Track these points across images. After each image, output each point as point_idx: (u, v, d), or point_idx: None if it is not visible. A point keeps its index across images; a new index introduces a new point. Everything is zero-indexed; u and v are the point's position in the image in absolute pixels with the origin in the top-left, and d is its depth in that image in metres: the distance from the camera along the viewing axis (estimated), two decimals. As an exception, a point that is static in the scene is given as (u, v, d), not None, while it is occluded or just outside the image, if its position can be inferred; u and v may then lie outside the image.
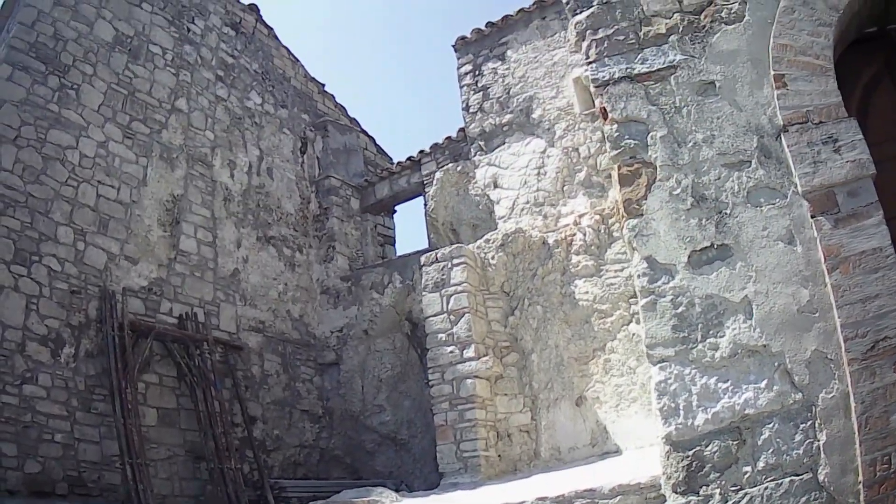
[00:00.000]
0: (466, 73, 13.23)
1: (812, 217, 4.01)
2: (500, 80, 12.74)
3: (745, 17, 4.46)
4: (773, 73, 4.26)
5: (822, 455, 3.79)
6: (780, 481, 3.78)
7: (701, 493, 3.81)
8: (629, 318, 9.62)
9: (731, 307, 3.98)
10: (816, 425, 3.82)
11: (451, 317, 9.99)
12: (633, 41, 4.66)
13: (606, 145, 4.49)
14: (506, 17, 13.01)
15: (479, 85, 12.94)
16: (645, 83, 4.51)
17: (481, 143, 12.59)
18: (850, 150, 4.04)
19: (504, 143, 12.34)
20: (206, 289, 12.00)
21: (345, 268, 14.43)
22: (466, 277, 10.12)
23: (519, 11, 12.81)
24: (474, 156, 12.66)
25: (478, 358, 9.73)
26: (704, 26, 4.53)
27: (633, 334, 9.45)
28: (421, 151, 13.93)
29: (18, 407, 8.80)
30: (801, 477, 3.78)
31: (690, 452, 3.85)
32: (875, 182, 4.04)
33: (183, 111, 12.44)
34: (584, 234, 10.26)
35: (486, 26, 13.24)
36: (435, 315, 10.16)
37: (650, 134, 4.35)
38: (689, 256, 4.08)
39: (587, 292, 10.01)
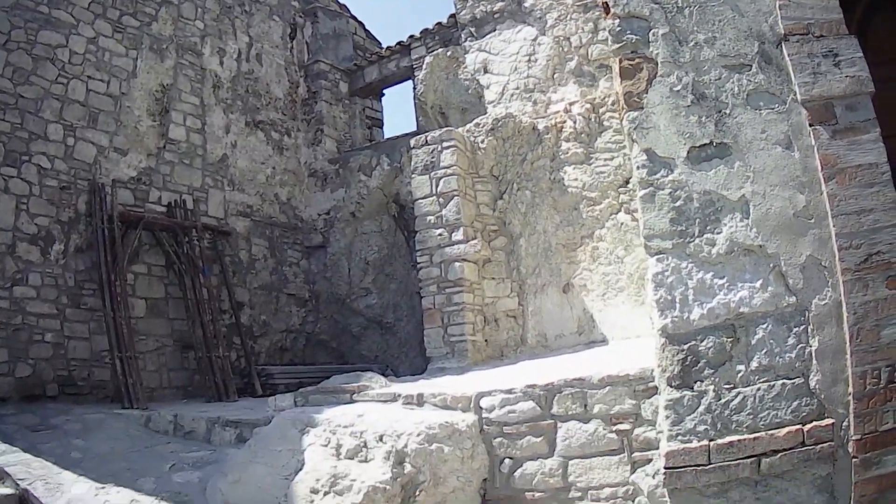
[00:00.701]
0: None
1: (810, 125, 3.97)
2: None
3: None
4: (775, -17, 4.16)
5: (815, 361, 3.80)
6: (772, 383, 3.80)
7: (695, 388, 3.83)
8: (618, 207, 9.55)
9: (729, 205, 3.95)
10: (809, 331, 3.82)
11: (441, 199, 9.77)
12: (643, -67, 4.50)
13: (608, 39, 4.36)
14: None
15: None
16: (647, -19, 4.37)
17: (472, 30, 12.34)
18: (849, 66, 4.03)
19: (495, 30, 12.11)
20: (195, 176, 11.95)
21: (333, 150, 14.32)
22: (456, 160, 9.89)
23: None
24: (465, 41, 12.42)
25: (466, 241, 9.56)
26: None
27: (622, 223, 9.40)
28: (411, 36, 13.68)
29: (9, 310, 8.86)
30: (792, 381, 3.79)
31: (686, 346, 3.86)
32: (872, 101, 4.02)
33: (173, 3, 12.09)
34: (575, 122, 10.08)
35: None
36: (424, 197, 9.93)
37: (651, 31, 4.25)
38: (688, 152, 4.02)
39: (576, 179, 9.88)
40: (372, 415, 5.95)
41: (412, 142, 10.45)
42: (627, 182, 9.51)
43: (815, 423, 3.74)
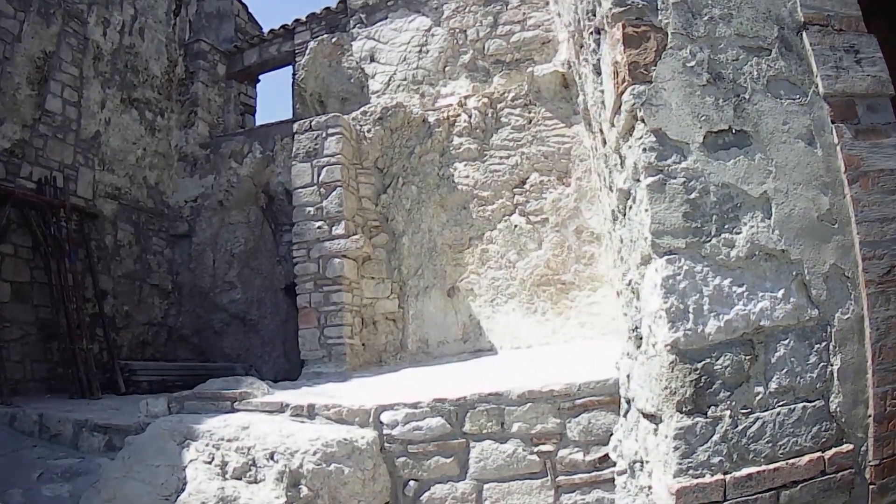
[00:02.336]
0: None
1: (832, 122, 3.46)
2: None
3: None
4: (793, -33, 3.66)
5: (836, 381, 3.22)
6: (792, 406, 3.19)
7: (709, 413, 3.15)
8: (512, 208, 9.04)
9: (749, 201, 3.31)
10: (831, 348, 3.25)
11: (322, 190, 9.02)
12: None
13: (608, 1, 3.71)
14: None
15: None
16: (658, -58, 3.77)
17: (362, 16, 11.75)
18: (870, 65, 3.57)
19: (387, 18, 11.56)
20: (67, 152, 11.06)
21: (205, 135, 13.46)
22: (341, 149, 9.22)
23: None
24: (353, 28, 11.80)
25: (347, 236, 8.80)
26: None
27: (516, 226, 8.91)
28: (296, 20, 13.06)
29: None
30: (813, 404, 3.20)
31: (699, 365, 3.18)
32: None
33: None
34: (471, 116, 9.56)
35: None
36: (304, 187, 9.17)
37: (660, -1, 3.63)
38: (704, 137, 3.37)
39: (468, 176, 9.35)
40: (259, 427, 5.16)
41: (295, 126, 9.65)
42: (524, 182, 9.07)
43: (835, 449, 3.18)
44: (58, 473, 5.79)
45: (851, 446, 3.21)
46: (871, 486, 3.18)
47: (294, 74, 12.59)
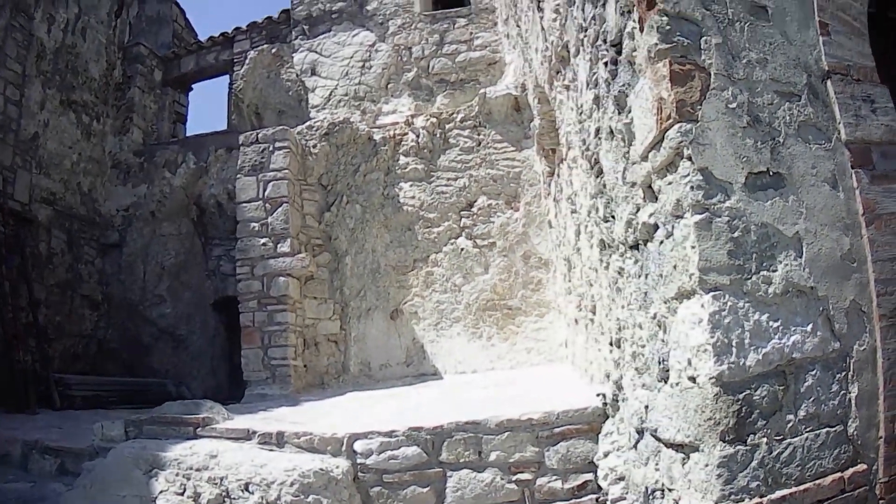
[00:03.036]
0: None
1: (852, 168, 3.81)
2: None
3: (789, -47, 4.14)
4: (818, 19, 4.01)
5: (854, 408, 3.54)
6: (817, 432, 3.49)
7: (748, 441, 3.42)
8: (458, 231, 9.21)
9: (784, 241, 3.60)
10: (849, 377, 3.56)
11: (268, 205, 9.11)
12: (682, -66, 4.19)
13: (652, 36, 3.94)
14: None
15: None
16: (698, -17, 4.06)
17: (305, 28, 11.83)
18: (884, 114, 3.81)
19: (330, 31, 11.67)
20: (6, 153, 10.91)
21: (139, 142, 13.39)
22: (288, 164, 9.27)
23: None
24: (295, 39, 11.87)
25: (293, 254, 8.87)
26: (747, -52, 4.16)
27: (462, 249, 9.08)
28: (236, 28, 13.13)
29: None
30: (834, 429, 3.52)
31: (741, 396, 3.43)
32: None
33: None
34: (418, 136, 9.69)
35: None
36: (249, 201, 9.22)
37: (703, 38, 3.84)
38: (745, 178, 3.62)
39: (414, 197, 9.47)
40: (228, 456, 5.05)
41: (241, 138, 9.66)
42: (471, 205, 9.25)
43: (852, 469, 3.51)
44: (11, 499, 5.57)
45: (865, 466, 3.51)
46: (880, 501, 3.53)
47: (231, 84, 12.61)
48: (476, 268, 8.98)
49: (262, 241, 9.01)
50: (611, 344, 4.98)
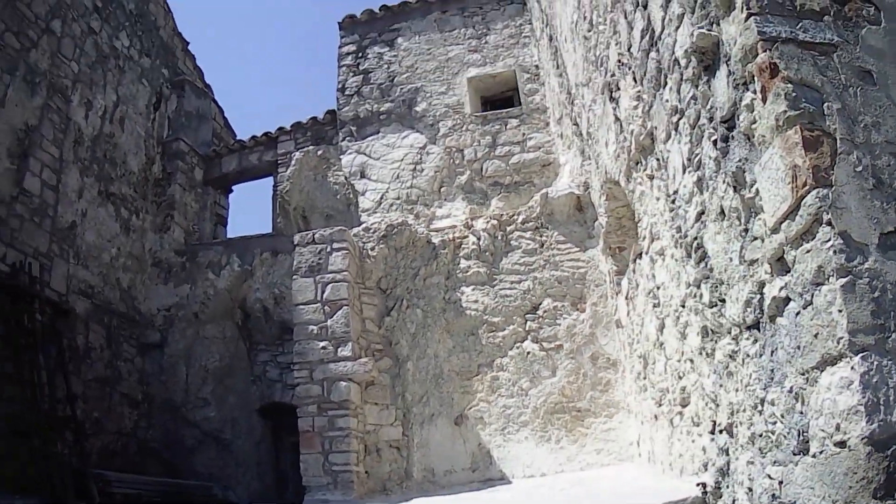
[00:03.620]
0: (349, 54, 12.96)
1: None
2: (386, 66, 12.57)
3: (882, 23, 4.42)
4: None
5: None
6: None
7: (895, 496, 3.63)
8: (524, 334, 9.32)
9: (917, 297, 3.84)
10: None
11: (327, 308, 9.25)
12: (791, 9, 4.47)
13: (779, 104, 4.17)
14: (403, 2, 12.93)
15: (361, 68, 12.70)
16: (811, 52, 4.32)
17: (353, 129, 12.15)
18: None
19: (379, 133, 12.02)
20: (43, 239, 10.87)
21: (180, 241, 13.51)
22: (347, 265, 9.48)
23: (419, 0, 12.64)
24: (342, 141, 12.17)
25: (355, 358, 9.03)
26: (851, 18, 4.43)
27: (528, 352, 9.16)
28: (280, 129, 13.41)
29: None
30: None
31: (889, 452, 3.62)
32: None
33: (55, 34, 11.55)
34: (479, 239, 9.89)
35: (380, 9, 13.10)
36: (306, 303, 9.37)
37: (825, 104, 4.09)
38: (878, 238, 3.85)
39: (476, 301, 9.63)
40: None
41: (297, 238, 9.89)
42: (536, 308, 9.39)
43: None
44: None
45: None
46: None
47: (275, 186, 12.82)
48: (543, 371, 9.08)
49: (322, 344, 9.11)
50: (712, 432, 5.05)
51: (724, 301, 4.68)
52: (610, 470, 8.20)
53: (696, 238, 5.13)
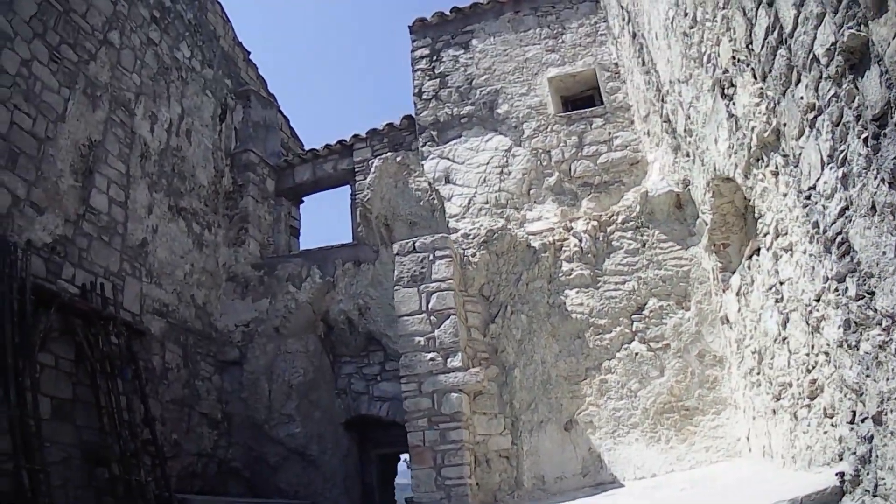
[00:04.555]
0: (422, 58, 13.42)
1: None
2: (462, 69, 13.00)
3: None
4: None
5: None
6: None
7: None
8: (631, 335, 9.71)
9: None
10: None
11: (433, 318, 9.57)
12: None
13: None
14: (475, 4, 13.39)
15: (437, 71, 13.13)
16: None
17: (433, 133, 12.58)
18: None
19: (460, 137, 12.44)
20: (113, 257, 11.12)
21: (256, 254, 13.93)
22: (452, 273, 9.84)
23: (490, 1, 13.26)
24: (423, 146, 12.64)
25: (465, 368, 9.35)
26: None
27: (636, 353, 9.54)
28: (355, 136, 13.86)
29: None
30: None
31: None
32: None
33: (114, 45, 11.84)
34: (580, 241, 10.28)
35: (451, 11, 13.57)
36: (411, 314, 9.68)
37: None
38: None
39: (582, 304, 9.99)
40: None
41: (396, 247, 10.21)
42: (642, 308, 9.73)
43: None
44: None
45: None
46: None
47: (353, 194, 13.31)
48: (651, 371, 9.52)
49: (430, 355, 9.45)
50: (852, 422, 5.31)
51: (872, 294, 4.85)
52: (720, 466, 8.53)
53: (839, 233, 5.27)
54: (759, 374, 7.64)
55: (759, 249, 7.26)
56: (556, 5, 13.30)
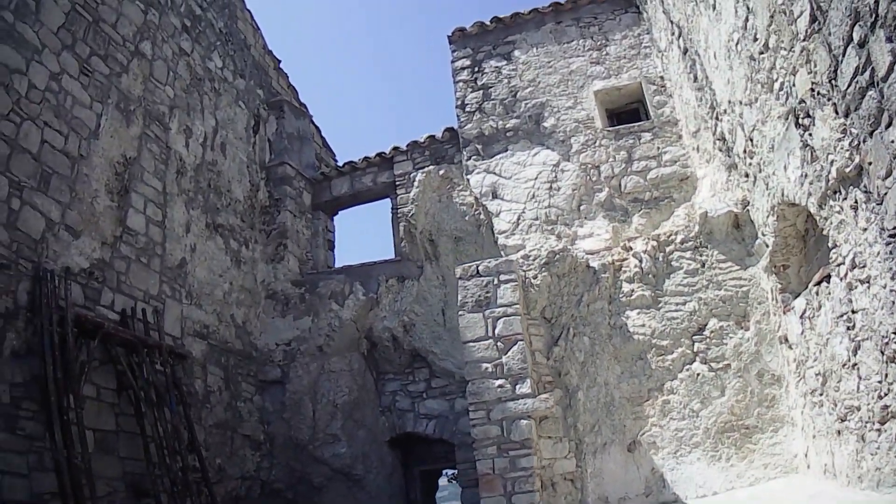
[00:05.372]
0: (463, 69, 13.87)
1: None
2: (506, 80, 13.48)
3: None
4: None
5: None
6: None
7: None
8: (692, 356, 10.22)
9: None
10: None
11: (500, 344, 9.88)
12: None
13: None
14: (515, 14, 13.87)
15: (479, 83, 13.57)
16: None
17: (478, 147, 13.08)
18: None
19: (507, 150, 12.93)
20: (152, 279, 11.27)
21: (296, 271, 14.26)
22: (518, 298, 10.21)
23: (531, 11, 13.72)
24: (467, 160, 13.13)
25: (535, 395, 9.72)
26: None
27: (698, 374, 10.05)
28: (394, 148, 14.23)
29: (-83, 429, 7.84)
30: None
31: None
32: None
33: (146, 56, 12.09)
34: (641, 261, 10.76)
35: (492, 21, 13.98)
36: (477, 340, 10.00)
37: None
38: None
39: (643, 325, 10.47)
40: None
41: (458, 271, 10.59)
42: (702, 329, 10.19)
43: None
44: None
45: None
46: None
47: (394, 208, 13.70)
48: (713, 391, 10.03)
49: (498, 382, 9.78)
50: None
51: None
52: (778, 483, 9.06)
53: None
54: (822, 395, 8.09)
55: (828, 276, 7.58)
56: (598, 16, 13.77)
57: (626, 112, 13.55)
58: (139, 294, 10.86)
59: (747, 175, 9.73)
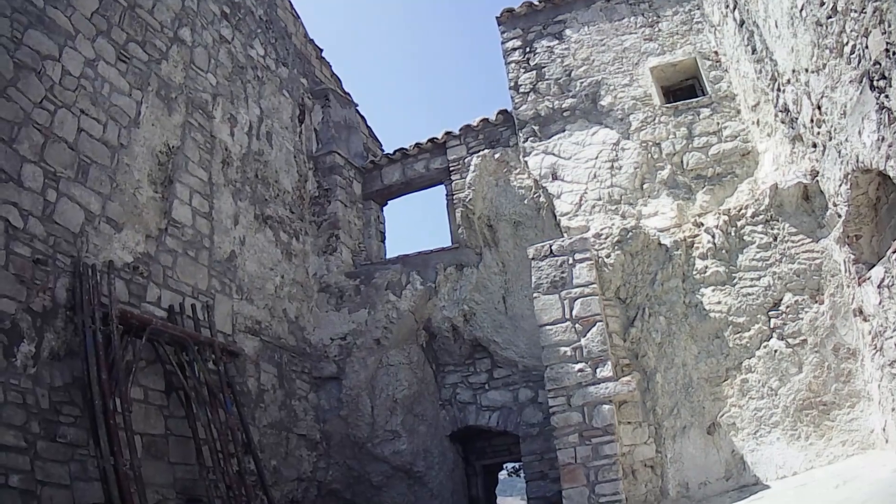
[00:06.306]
0: (514, 49, 14.34)
1: None
2: (559, 60, 13.93)
3: None
4: None
5: None
6: None
7: None
8: (769, 332, 10.33)
9: None
10: None
11: (578, 326, 10.06)
12: None
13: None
14: None
15: (532, 63, 14.02)
16: None
17: (535, 128, 13.51)
18: None
19: (564, 131, 13.34)
20: (201, 274, 11.43)
21: (348, 262, 14.55)
22: (594, 277, 10.37)
23: None
24: (524, 142, 13.53)
25: (616, 378, 9.82)
26: None
27: (776, 351, 10.20)
28: (447, 133, 14.48)
29: (-44, 437, 7.73)
30: None
31: None
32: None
33: (186, 43, 12.37)
34: (713, 237, 10.94)
35: (540, 1, 14.38)
36: (553, 323, 10.16)
37: None
38: None
39: (719, 302, 10.63)
40: None
41: (531, 251, 10.83)
42: (778, 304, 10.40)
43: None
44: None
45: None
46: None
47: (449, 195, 14.06)
48: (791, 368, 10.15)
49: (578, 366, 9.95)
50: None
51: None
52: (856, 460, 9.09)
53: None
54: (905, 367, 8.37)
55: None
56: None
57: (682, 88, 13.91)
58: (187, 289, 11.01)
59: (815, 145, 9.91)
